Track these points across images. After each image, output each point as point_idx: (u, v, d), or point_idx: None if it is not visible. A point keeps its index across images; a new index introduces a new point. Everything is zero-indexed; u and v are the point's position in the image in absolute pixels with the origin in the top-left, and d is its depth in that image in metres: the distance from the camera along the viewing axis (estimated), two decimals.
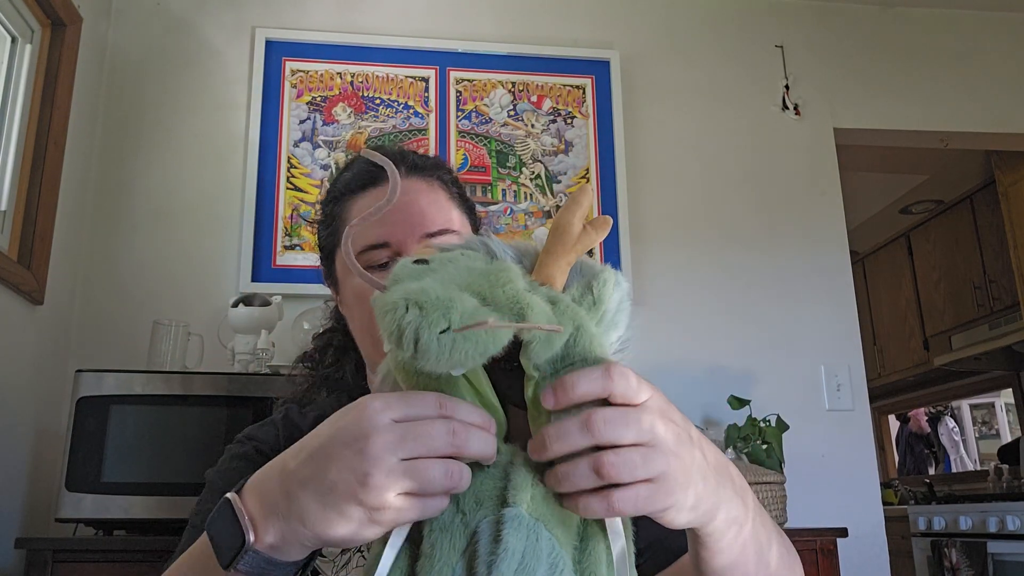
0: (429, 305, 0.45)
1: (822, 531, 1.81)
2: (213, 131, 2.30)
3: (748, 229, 2.48)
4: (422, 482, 0.47)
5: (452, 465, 0.48)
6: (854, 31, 2.75)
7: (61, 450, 1.63)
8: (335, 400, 0.91)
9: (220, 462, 0.86)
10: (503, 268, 0.51)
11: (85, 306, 2.11)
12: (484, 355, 0.47)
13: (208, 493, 0.82)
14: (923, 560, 3.74)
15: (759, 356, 2.36)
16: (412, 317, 0.45)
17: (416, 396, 0.49)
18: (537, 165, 2.41)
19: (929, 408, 5.24)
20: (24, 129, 1.90)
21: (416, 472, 0.47)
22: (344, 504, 0.48)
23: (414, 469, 0.47)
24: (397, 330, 0.45)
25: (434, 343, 0.45)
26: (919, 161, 3.72)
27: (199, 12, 2.39)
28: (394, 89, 2.39)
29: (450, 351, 0.45)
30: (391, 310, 0.46)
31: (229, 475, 0.82)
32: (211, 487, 0.83)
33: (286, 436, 0.84)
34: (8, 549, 1.60)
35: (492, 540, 0.48)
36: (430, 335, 0.45)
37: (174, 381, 1.69)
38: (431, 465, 0.48)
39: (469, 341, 0.46)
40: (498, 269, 0.51)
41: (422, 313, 0.45)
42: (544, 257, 0.53)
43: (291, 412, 0.89)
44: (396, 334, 0.45)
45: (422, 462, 0.48)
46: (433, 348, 0.45)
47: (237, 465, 0.83)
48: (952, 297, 4.17)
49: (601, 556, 0.51)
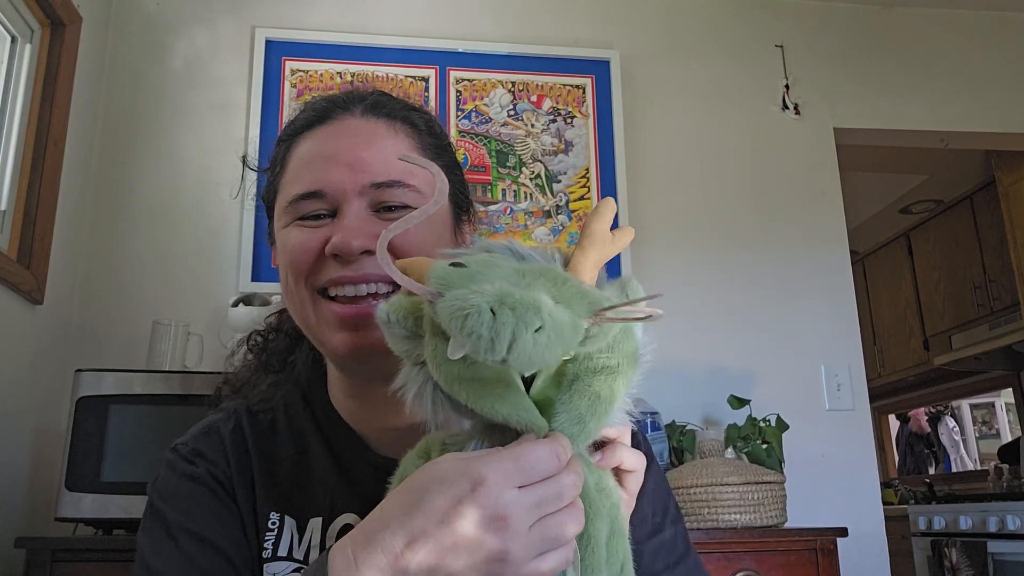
0: (520, 305, 0.44)
1: (822, 531, 1.81)
2: (213, 131, 2.30)
3: (748, 229, 2.48)
4: (558, 540, 0.46)
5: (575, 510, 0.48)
6: (854, 31, 2.75)
7: (61, 450, 1.62)
8: (293, 399, 0.79)
9: (164, 479, 0.73)
10: (548, 269, 0.51)
11: (85, 306, 2.11)
12: (568, 348, 0.47)
13: (161, 529, 0.70)
14: (923, 560, 3.74)
15: (759, 356, 2.36)
16: (507, 319, 0.44)
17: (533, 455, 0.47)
18: (537, 165, 2.41)
19: (929, 408, 5.24)
20: (24, 129, 1.90)
21: (550, 532, 0.46)
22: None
23: (547, 530, 0.46)
24: (489, 333, 0.44)
25: (530, 343, 0.44)
26: (919, 161, 3.72)
27: (199, 12, 2.39)
28: (394, 89, 2.39)
29: (544, 349, 0.45)
30: (475, 314, 0.44)
31: (184, 504, 0.70)
32: (163, 521, 0.70)
33: (235, 456, 0.74)
34: (8, 549, 1.60)
35: None
36: (527, 335, 0.44)
37: (174, 381, 1.68)
38: (562, 519, 0.47)
39: (560, 338, 0.45)
40: (547, 268, 0.51)
41: (515, 313, 0.44)
42: (579, 255, 0.53)
43: (240, 419, 0.77)
44: (488, 337, 0.44)
45: (552, 519, 0.46)
46: (528, 348, 0.44)
47: (190, 491, 0.71)
48: (952, 297, 4.17)
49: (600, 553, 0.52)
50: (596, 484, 0.54)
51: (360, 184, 0.69)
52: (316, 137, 0.73)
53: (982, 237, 3.95)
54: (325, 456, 0.74)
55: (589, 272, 0.53)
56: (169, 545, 0.69)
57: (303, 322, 0.73)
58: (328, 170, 0.69)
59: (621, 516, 0.55)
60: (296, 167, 0.73)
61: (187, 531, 0.69)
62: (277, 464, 0.74)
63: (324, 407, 0.77)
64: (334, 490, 0.72)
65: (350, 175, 0.69)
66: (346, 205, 0.69)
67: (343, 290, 0.69)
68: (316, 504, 0.71)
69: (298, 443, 0.76)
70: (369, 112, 0.73)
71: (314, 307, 0.71)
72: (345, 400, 0.76)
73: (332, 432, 0.76)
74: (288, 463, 0.74)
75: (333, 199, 0.69)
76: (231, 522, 0.71)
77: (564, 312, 0.47)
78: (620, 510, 0.55)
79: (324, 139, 0.72)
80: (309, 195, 0.70)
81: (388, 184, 0.69)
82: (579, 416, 0.50)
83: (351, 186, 0.69)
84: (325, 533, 0.70)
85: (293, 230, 0.71)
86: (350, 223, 0.68)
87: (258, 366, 0.84)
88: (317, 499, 0.72)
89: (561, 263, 0.54)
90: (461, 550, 0.45)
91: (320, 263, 0.69)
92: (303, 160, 0.72)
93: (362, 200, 0.69)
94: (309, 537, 0.70)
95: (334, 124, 0.73)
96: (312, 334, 0.73)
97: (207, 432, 0.76)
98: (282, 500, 0.72)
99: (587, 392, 0.50)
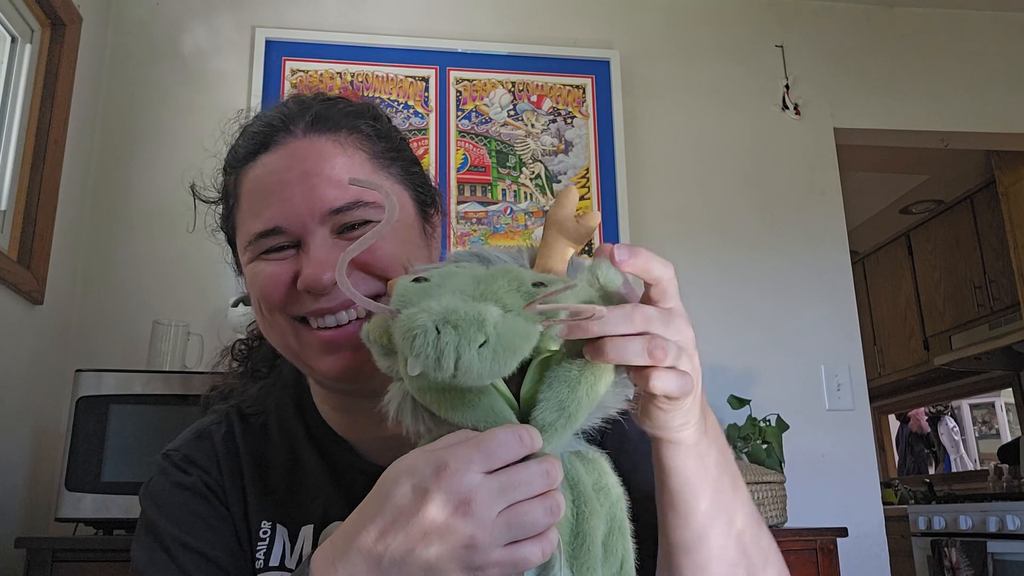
0: (463, 322, 0.45)
1: (822, 531, 1.81)
2: (213, 131, 2.30)
3: (748, 229, 2.48)
4: (527, 528, 0.46)
5: (549, 500, 0.47)
6: (854, 31, 2.75)
7: (61, 450, 1.63)
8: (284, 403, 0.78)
9: (157, 487, 0.72)
10: (508, 270, 0.51)
11: (85, 306, 2.11)
12: (521, 357, 0.47)
13: (155, 541, 0.69)
14: (923, 560, 3.74)
15: (759, 356, 2.36)
16: (449, 338, 0.44)
17: (494, 439, 0.47)
18: (537, 165, 2.41)
19: (929, 408, 5.24)
20: (24, 129, 1.90)
21: (518, 518, 0.46)
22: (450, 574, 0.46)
23: (515, 516, 0.46)
24: (434, 352, 0.44)
25: (475, 359, 0.44)
26: (919, 161, 3.72)
27: (199, 12, 2.39)
28: (394, 89, 2.39)
29: (490, 363, 0.45)
30: (421, 334, 0.45)
31: (178, 514, 0.70)
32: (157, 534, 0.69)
33: (227, 463, 0.73)
34: (8, 549, 1.60)
35: None
36: (471, 352, 0.44)
37: (174, 381, 1.68)
38: (532, 507, 0.47)
39: (508, 350, 0.45)
40: (509, 269, 0.51)
41: (457, 331, 0.44)
42: (544, 250, 0.53)
43: (232, 423, 0.76)
44: (433, 356, 0.44)
45: (521, 507, 0.46)
46: (475, 364, 0.45)
47: (184, 500, 0.71)
48: (952, 297, 4.17)
49: (596, 552, 0.52)
50: (595, 483, 0.54)
51: (318, 213, 0.67)
52: (263, 165, 0.70)
53: (982, 237, 3.95)
54: (317, 463, 0.74)
55: (558, 264, 0.53)
56: (164, 557, 0.68)
57: (285, 348, 0.72)
58: (283, 203, 0.67)
59: (622, 513, 0.55)
60: (249, 200, 0.71)
61: (182, 544, 0.68)
62: (269, 471, 0.74)
63: (313, 415, 0.77)
64: (326, 497, 0.72)
65: (307, 205, 0.66)
66: (308, 236, 0.67)
67: (324, 321, 0.68)
68: (308, 512, 0.71)
69: (290, 450, 0.75)
70: (311, 130, 0.70)
71: (295, 335, 0.70)
72: (331, 412, 0.76)
73: (323, 440, 0.75)
74: (281, 471, 0.74)
75: (294, 232, 0.67)
76: (225, 531, 0.71)
77: (514, 320, 0.46)
78: (621, 507, 0.55)
79: (272, 168, 0.69)
80: (269, 232, 0.68)
81: (346, 208, 0.67)
82: (559, 403, 0.50)
83: (309, 217, 0.67)
84: (316, 539, 0.70)
85: (260, 264, 0.70)
86: (317, 255, 0.66)
87: (245, 372, 0.83)
88: (309, 507, 0.72)
89: (529, 260, 0.54)
90: (431, 537, 0.46)
91: (293, 295, 0.68)
92: (255, 193, 0.70)
93: (324, 228, 0.67)
94: (301, 546, 0.70)
95: (278, 150, 0.70)
96: (296, 359, 0.72)
97: (199, 437, 0.75)
98: (274, 508, 0.72)
99: (566, 379, 0.50)
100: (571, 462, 0.54)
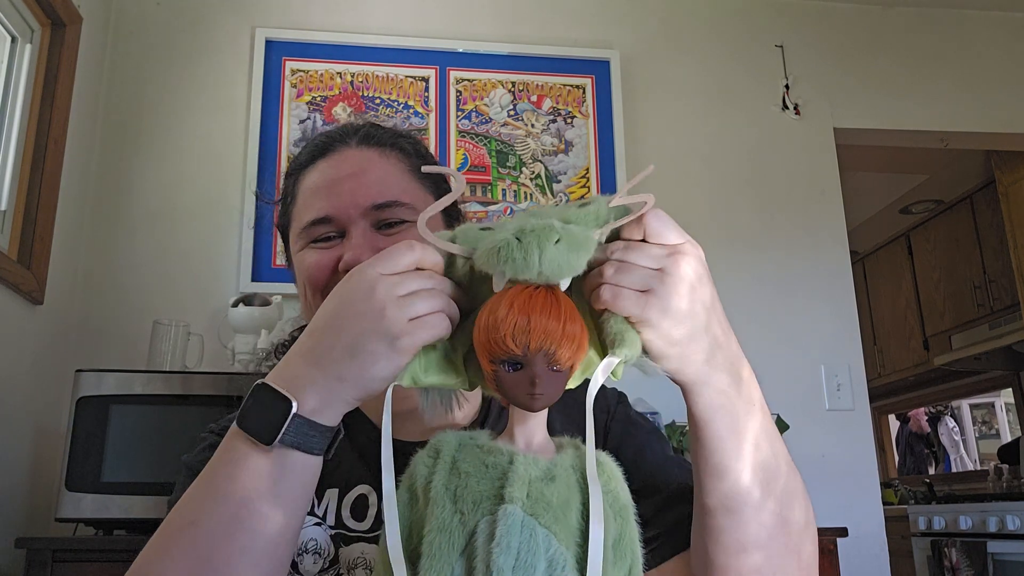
0: (538, 227, 0.52)
1: (822, 531, 1.81)
2: (213, 131, 2.30)
3: (748, 229, 2.48)
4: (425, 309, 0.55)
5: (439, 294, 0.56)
6: (854, 31, 2.75)
7: (61, 450, 1.63)
8: None
9: (197, 451, 0.84)
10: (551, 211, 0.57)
11: (85, 306, 2.11)
12: (587, 256, 0.54)
13: (186, 478, 0.77)
14: (923, 560, 3.74)
15: (759, 356, 2.32)
16: (530, 239, 0.51)
17: (393, 248, 0.57)
18: (537, 165, 2.41)
19: (929, 408, 5.24)
20: (24, 129, 1.90)
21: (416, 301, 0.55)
22: (371, 343, 0.54)
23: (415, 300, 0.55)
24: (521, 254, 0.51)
25: (556, 252, 0.51)
26: (919, 161, 3.72)
27: (199, 12, 2.39)
28: (394, 89, 2.40)
29: (567, 255, 0.52)
30: (505, 245, 0.52)
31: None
32: (190, 472, 0.77)
33: None
34: (8, 549, 1.60)
35: (488, 538, 0.49)
36: (551, 246, 0.51)
37: (174, 381, 1.69)
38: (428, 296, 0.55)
39: (578, 245, 0.53)
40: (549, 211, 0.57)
41: (535, 234, 0.51)
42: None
43: None
44: (521, 258, 0.51)
45: (418, 294, 0.55)
46: (556, 256, 0.51)
47: None
48: (952, 297, 4.17)
49: (607, 555, 0.52)
50: (604, 487, 0.54)
51: (362, 207, 0.79)
52: (319, 169, 0.83)
53: (982, 237, 3.95)
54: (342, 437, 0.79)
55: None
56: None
57: None
58: (333, 197, 0.80)
59: (631, 517, 0.55)
60: (305, 197, 0.83)
61: None
62: None
63: None
64: (349, 466, 0.79)
65: (352, 199, 0.79)
66: (352, 227, 0.79)
67: None
68: (333, 478, 0.78)
69: None
70: (363, 143, 0.84)
71: None
72: None
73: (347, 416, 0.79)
74: None
75: (340, 222, 0.79)
76: None
77: (575, 227, 0.54)
78: (629, 512, 0.56)
79: (327, 170, 0.83)
80: (319, 221, 0.80)
81: (387, 204, 0.79)
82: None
83: (355, 209, 0.79)
84: (341, 502, 0.78)
85: (308, 252, 0.81)
86: (358, 242, 0.78)
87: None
88: (334, 473, 0.78)
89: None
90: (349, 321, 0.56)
91: (335, 279, 0.77)
92: (310, 190, 0.83)
93: (366, 220, 0.79)
94: (326, 504, 0.78)
95: (334, 156, 0.83)
96: None
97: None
98: None
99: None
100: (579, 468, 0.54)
